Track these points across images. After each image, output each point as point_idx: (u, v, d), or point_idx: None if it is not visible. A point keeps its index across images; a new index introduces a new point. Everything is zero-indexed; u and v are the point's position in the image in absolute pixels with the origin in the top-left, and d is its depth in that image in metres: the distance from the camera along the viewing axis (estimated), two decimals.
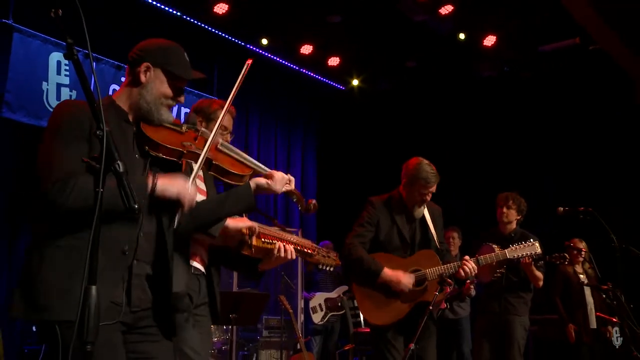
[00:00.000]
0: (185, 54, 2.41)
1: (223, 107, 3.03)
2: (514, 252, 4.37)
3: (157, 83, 2.32)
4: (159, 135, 2.31)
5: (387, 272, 3.99)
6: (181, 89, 2.40)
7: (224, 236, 2.77)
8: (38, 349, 5.56)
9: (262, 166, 2.65)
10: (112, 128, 2.13)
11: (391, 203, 4.20)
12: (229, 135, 3.13)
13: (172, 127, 2.39)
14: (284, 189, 2.71)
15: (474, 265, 4.05)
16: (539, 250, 4.43)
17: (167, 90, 2.34)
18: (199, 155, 2.36)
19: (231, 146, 2.60)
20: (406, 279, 3.97)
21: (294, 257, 2.94)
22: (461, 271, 4.01)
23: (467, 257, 4.11)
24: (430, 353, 4.06)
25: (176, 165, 2.38)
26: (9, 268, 6.28)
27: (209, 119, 3.09)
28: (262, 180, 2.64)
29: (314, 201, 2.80)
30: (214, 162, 2.46)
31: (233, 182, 2.55)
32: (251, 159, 2.63)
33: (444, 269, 4.02)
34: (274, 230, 2.98)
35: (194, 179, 2.28)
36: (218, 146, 2.53)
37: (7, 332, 5.97)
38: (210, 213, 2.58)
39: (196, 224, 2.54)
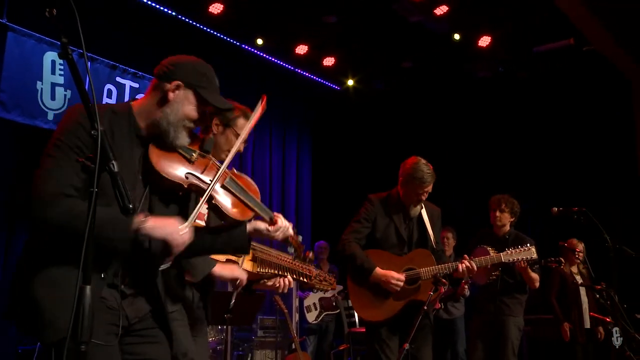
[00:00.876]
0: (216, 78, 2.31)
1: (245, 113, 2.96)
2: (509, 256, 4.37)
3: (184, 104, 2.20)
4: (164, 162, 2.18)
5: (379, 271, 4.00)
6: (206, 113, 2.28)
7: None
8: (32, 349, 5.55)
9: (267, 210, 2.45)
10: (122, 140, 2.12)
11: (389, 201, 4.22)
12: (242, 144, 2.93)
13: (182, 152, 2.25)
14: (283, 237, 2.51)
15: (473, 265, 4.07)
16: (535, 255, 4.42)
17: (193, 113, 2.22)
18: (202, 189, 2.22)
19: (238, 182, 2.40)
20: (396, 280, 3.98)
21: (286, 290, 2.94)
22: (459, 267, 4.03)
23: (465, 256, 4.13)
24: (425, 353, 4.06)
25: (177, 197, 2.28)
26: (4, 266, 6.26)
27: (227, 125, 2.94)
28: (261, 226, 2.43)
29: (311, 254, 2.74)
30: (213, 202, 2.28)
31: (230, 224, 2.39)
32: (255, 199, 2.42)
33: (439, 269, 4.03)
34: (274, 256, 2.94)
35: (191, 221, 2.12)
36: (224, 182, 2.34)
37: (1, 332, 5.95)
38: (200, 246, 2.37)
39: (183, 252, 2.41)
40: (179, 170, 2.20)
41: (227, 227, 2.38)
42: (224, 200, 2.31)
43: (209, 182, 2.23)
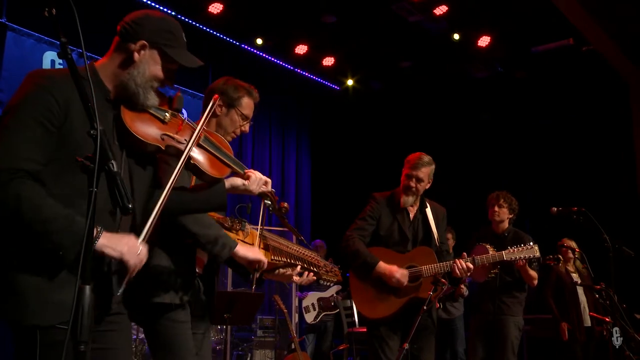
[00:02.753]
0: (183, 34, 2.24)
1: (249, 92, 2.91)
2: (511, 254, 4.32)
3: (150, 64, 2.12)
4: (139, 124, 2.11)
5: (382, 265, 4.01)
6: (173, 71, 2.21)
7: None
8: None
9: (241, 164, 2.46)
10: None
11: (393, 199, 4.24)
12: (248, 124, 2.93)
13: (155, 113, 2.18)
14: (260, 190, 2.52)
15: (469, 264, 4.05)
16: (537, 254, 4.37)
17: (159, 72, 2.15)
18: (180, 149, 2.18)
19: (212, 140, 2.38)
20: (399, 274, 3.98)
21: (307, 283, 2.96)
22: (456, 269, 4.02)
23: (464, 254, 4.12)
24: (427, 353, 4.06)
25: (154, 158, 2.24)
26: None
27: (231, 105, 2.85)
28: (237, 181, 2.46)
29: (285, 204, 2.71)
30: (191, 162, 2.26)
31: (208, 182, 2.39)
32: (230, 155, 2.42)
33: (440, 266, 4.03)
34: (285, 245, 2.93)
35: (145, 237, 2.01)
36: (200, 141, 2.30)
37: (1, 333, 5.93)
38: (180, 205, 2.38)
39: (166, 217, 2.35)
40: (154, 132, 2.15)
41: (206, 185, 2.39)
42: (201, 159, 2.29)
43: (185, 141, 2.20)
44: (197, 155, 2.28)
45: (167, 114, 2.20)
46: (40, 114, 1.88)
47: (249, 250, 2.71)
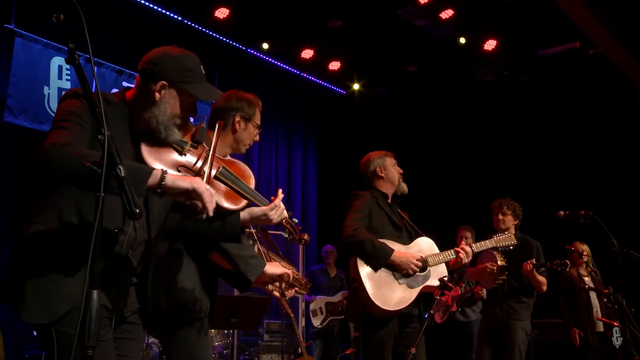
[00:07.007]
0: (202, 66, 2.30)
1: (258, 102, 3.00)
2: (496, 241, 4.43)
3: (171, 103, 2.21)
4: (156, 157, 2.20)
5: (397, 254, 3.96)
6: (194, 103, 2.30)
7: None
8: (39, 354, 5.56)
9: (261, 196, 2.52)
10: (119, 132, 2.12)
11: (373, 194, 4.33)
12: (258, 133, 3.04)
13: (175, 146, 2.27)
14: (278, 219, 2.59)
15: (469, 250, 4.08)
16: (514, 241, 4.50)
17: (180, 110, 2.24)
18: None
19: (230, 171, 2.45)
20: (415, 260, 3.96)
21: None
22: (460, 256, 4.04)
23: (462, 245, 4.14)
24: (420, 356, 4.04)
25: None
26: None
27: (248, 119, 2.94)
28: (257, 210, 2.52)
29: (306, 235, 2.77)
30: None
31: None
32: (249, 187, 2.49)
33: (444, 255, 4.06)
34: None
35: (207, 178, 2.19)
36: (218, 173, 2.37)
37: (9, 336, 5.96)
38: (195, 232, 2.48)
39: (180, 238, 2.49)
40: (171, 164, 2.23)
41: (221, 215, 2.43)
42: (218, 191, 2.33)
43: (203, 172, 2.27)
44: (214, 187, 2.33)
45: (186, 146, 2.29)
46: (87, 119, 2.04)
47: (276, 267, 2.87)
